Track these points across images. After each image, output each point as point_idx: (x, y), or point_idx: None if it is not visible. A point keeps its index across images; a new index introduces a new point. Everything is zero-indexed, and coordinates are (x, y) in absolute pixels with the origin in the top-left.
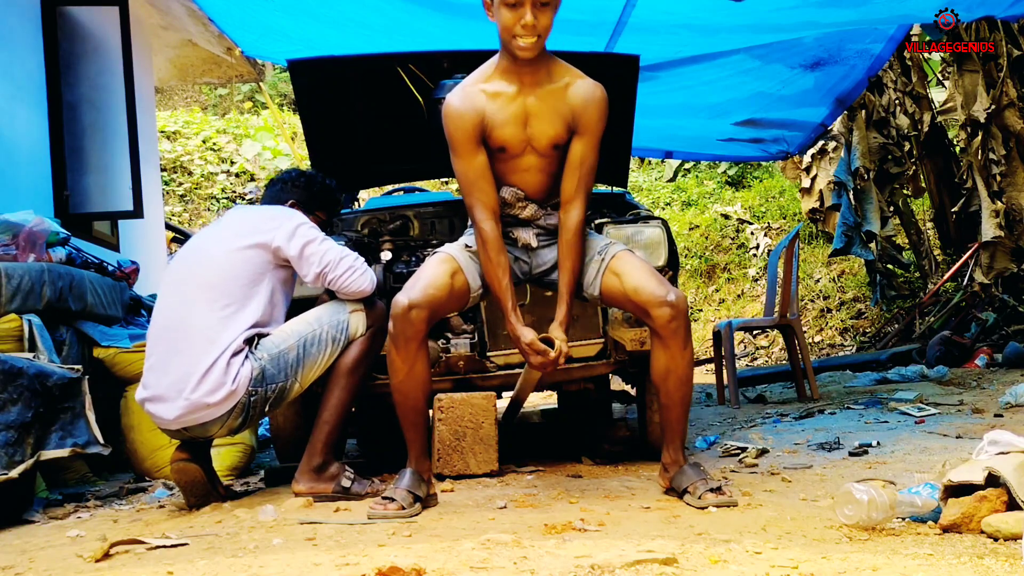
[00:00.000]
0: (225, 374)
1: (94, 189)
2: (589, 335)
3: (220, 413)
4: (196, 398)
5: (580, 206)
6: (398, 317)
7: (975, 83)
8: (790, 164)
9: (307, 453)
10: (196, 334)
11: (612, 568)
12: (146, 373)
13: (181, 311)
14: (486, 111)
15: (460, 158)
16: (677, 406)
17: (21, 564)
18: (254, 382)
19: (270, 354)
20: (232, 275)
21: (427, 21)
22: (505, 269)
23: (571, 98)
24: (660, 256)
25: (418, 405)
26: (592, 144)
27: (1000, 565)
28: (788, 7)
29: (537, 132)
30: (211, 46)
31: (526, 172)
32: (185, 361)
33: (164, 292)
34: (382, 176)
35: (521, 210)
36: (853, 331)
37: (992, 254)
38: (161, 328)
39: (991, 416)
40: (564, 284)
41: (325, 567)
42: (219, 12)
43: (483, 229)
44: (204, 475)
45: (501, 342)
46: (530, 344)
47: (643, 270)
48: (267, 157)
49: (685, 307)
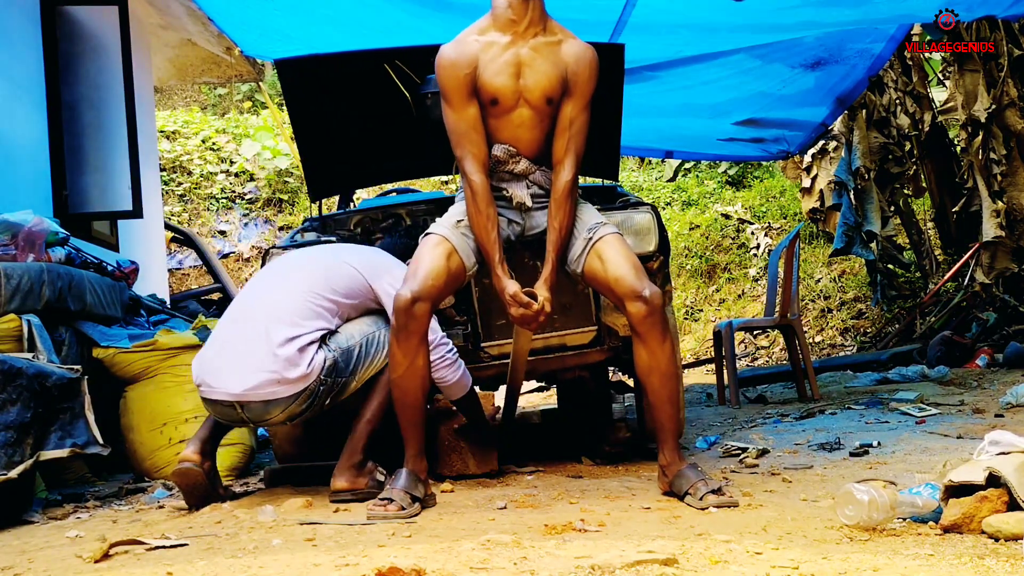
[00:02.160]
0: (301, 356)
1: (93, 189)
2: (583, 323)
3: (290, 392)
4: (274, 368)
5: (571, 166)
6: (401, 310)
7: (976, 83)
8: (791, 164)
9: (347, 451)
10: (283, 312)
11: (612, 568)
12: (210, 349)
13: (273, 292)
14: (479, 59)
15: (452, 108)
16: (665, 403)
17: (20, 564)
18: (327, 371)
19: (341, 348)
20: (336, 278)
21: (428, 21)
22: (494, 221)
23: (564, 54)
24: (651, 241)
25: (417, 402)
26: (582, 104)
27: (1001, 565)
28: (788, 7)
29: (531, 83)
30: (210, 46)
31: (519, 128)
32: (268, 333)
33: (256, 281)
34: (374, 175)
35: (515, 165)
36: (854, 331)
37: (993, 254)
38: (244, 307)
39: (992, 416)
40: (551, 242)
41: (325, 567)
42: (218, 11)
43: (472, 180)
44: (206, 478)
45: (495, 333)
46: (513, 295)
47: (627, 260)
48: (267, 157)
49: (660, 302)
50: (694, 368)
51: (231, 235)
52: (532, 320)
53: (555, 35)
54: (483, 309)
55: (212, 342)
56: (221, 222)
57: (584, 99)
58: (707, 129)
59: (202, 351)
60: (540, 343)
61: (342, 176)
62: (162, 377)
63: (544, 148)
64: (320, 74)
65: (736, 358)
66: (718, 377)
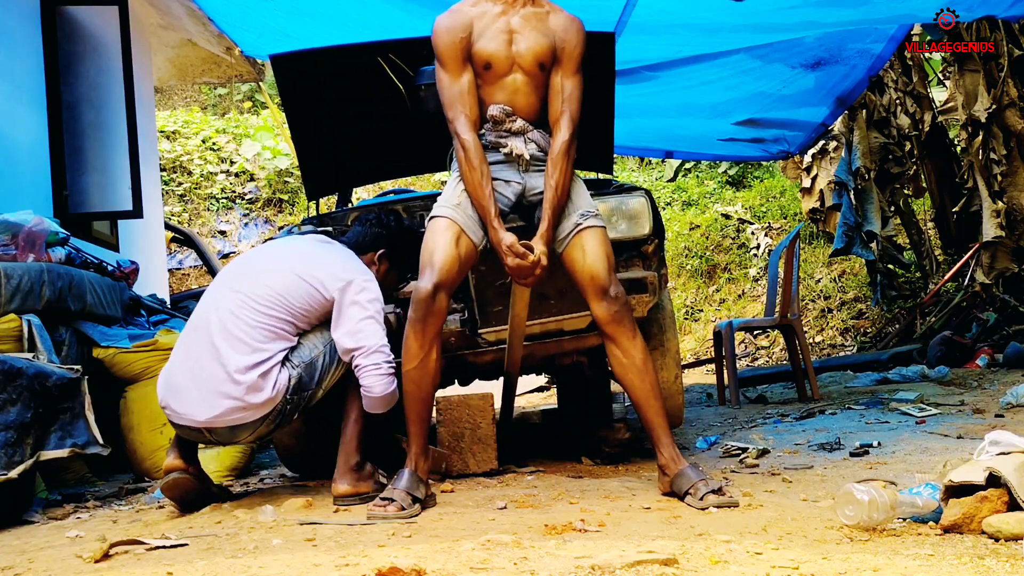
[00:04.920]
0: (264, 380)
1: (93, 189)
2: (579, 307)
3: (256, 417)
4: (237, 395)
5: (567, 127)
6: (423, 301)
7: (976, 83)
8: (791, 164)
9: (343, 453)
10: (242, 335)
11: (612, 568)
12: (173, 368)
13: (228, 311)
14: (473, 25)
15: (446, 72)
16: (649, 398)
17: (20, 564)
18: (292, 390)
19: (304, 362)
20: (296, 299)
21: (429, 21)
22: (487, 178)
23: (552, 24)
24: (644, 225)
25: (427, 396)
26: (572, 69)
27: (1001, 565)
28: (788, 7)
29: (523, 48)
30: (211, 46)
31: (514, 93)
32: (226, 359)
33: (216, 290)
34: (370, 173)
35: (512, 124)
36: (854, 331)
37: (993, 254)
38: (203, 324)
39: (992, 416)
40: (547, 200)
41: (325, 568)
42: (218, 11)
43: (464, 139)
44: (196, 482)
45: (491, 319)
46: (510, 246)
47: (606, 258)
48: (267, 157)
49: (624, 300)
50: (694, 368)
51: (231, 235)
52: (528, 272)
53: (543, 7)
54: (480, 295)
55: (174, 358)
56: (221, 222)
57: (574, 64)
58: (707, 129)
59: (167, 366)
60: (537, 328)
61: (339, 174)
62: None
63: (541, 114)
64: (316, 70)
65: (736, 358)
66: (718, 377)
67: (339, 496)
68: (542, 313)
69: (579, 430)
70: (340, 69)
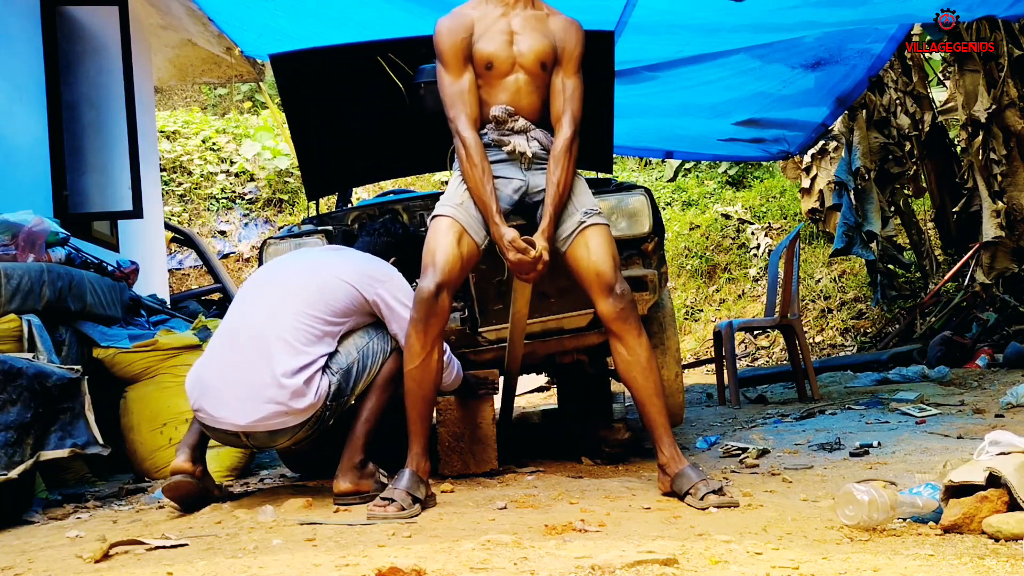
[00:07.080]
0: (308, 386)
1: (93, 189)
2: (579, 306)
3: (298, 422)
4: (281, 399)
5: (568, 125)
6: (426, 301)
7: (976, 83)
8: (790, 164)
9: (348, 451)
10: (286, 337)
11: (612, 568)
12: (207, 371)
13: (273, 311)
14: (474, 26)
15: (448, 72)
16: (652, 397)
17: (20, 564)
18: (331, 396)
19: (341, 369)
20: (334, 298)
21: (430, 21)
22: (488, 174)
23: (552, 26)
24: (644, 224)
25: (429, 395)
26: (572, 70)
27: (1001, 566)
28: (788, 7)
29: (524, 48)
30: (211, 46)
31: (516, 93)
32: (273, 361)
33: (251, 292)
34: (370, 172)
35: (514, 123)
36: (854, 331)
37: (993, 254)
38: (241, 327)
39: (992, 416)
40: (549, 196)
41: (325, 568)
42: (218, 11)
43: (464, 137)
44: (199, 486)
45: (492, 318)
46: (512, 241)
47: (611, 255)
48: (267, 157)
49: (630, 297)
50: (694, 368)
51: (231, 235)
52: (530, 267)
53: (542, 10)
54: (480, 294)
55: (209, 361)
56: (221, 222)
57: (574, 65)
58: (707, 129)
59: (198, 368)
60: (538, 327)
61: (339, 174)
62: (162, 377)
63: (542, 114)
64: (315, 70)
65: (736, 358)
66: (718, 377)
67: (340, 493)
68: (542, 311)
69: (579, 430)
70: (340, 69)
